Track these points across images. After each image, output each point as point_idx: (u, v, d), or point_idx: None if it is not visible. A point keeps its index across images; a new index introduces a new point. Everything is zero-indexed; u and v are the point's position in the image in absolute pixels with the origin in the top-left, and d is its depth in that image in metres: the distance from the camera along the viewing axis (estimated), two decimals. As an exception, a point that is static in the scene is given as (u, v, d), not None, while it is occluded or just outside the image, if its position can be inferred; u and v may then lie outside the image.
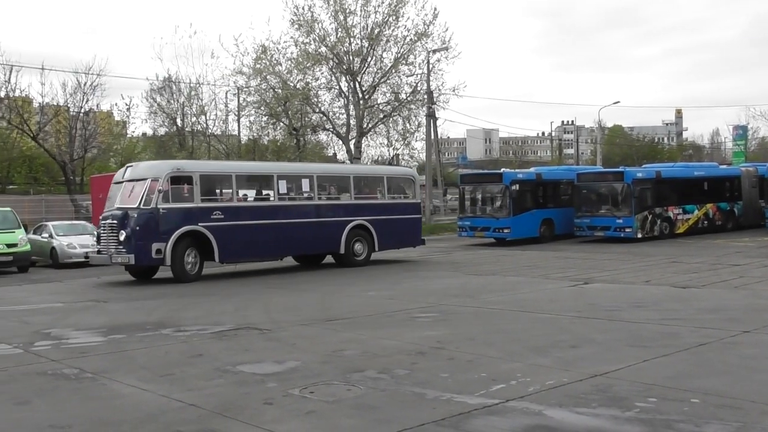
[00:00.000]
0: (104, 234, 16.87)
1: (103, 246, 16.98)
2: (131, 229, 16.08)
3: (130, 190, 16.84)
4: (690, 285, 14.03)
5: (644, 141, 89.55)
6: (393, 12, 46.03)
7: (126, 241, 16.10)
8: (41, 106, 42.02)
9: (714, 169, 32.17)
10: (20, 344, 9.80)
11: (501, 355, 8.34)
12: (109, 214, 16.92)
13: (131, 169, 17.85)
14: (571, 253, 22.05)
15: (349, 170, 22.91)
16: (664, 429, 5.56)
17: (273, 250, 18.97)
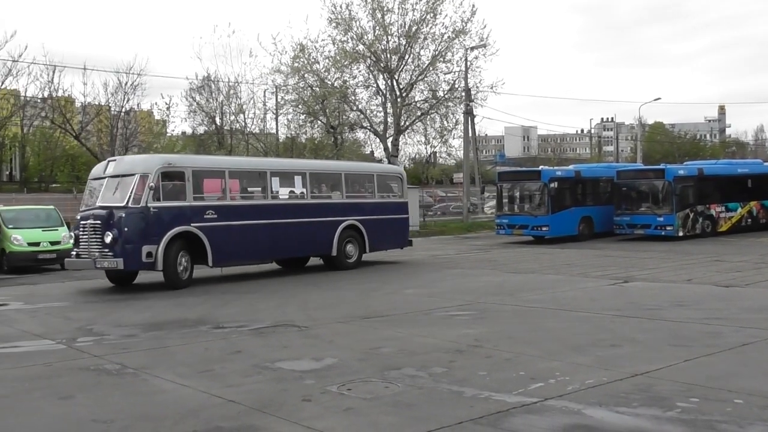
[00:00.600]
0: (85, 236, 14.84)
1: (83, 249, 14.89)
2: (118, 230, 14.35)
3: (114, 186, 15.10)
4: (733, 284, 13.79)
5: (686, 138, 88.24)
6: (431, 9, 45.93)
7: (113, 244, 14.28)
8: (83, 106, 42.76)
9: (758, 167, 31.56)
10: (63, 340, 10.00)
11: (540, 353, 8.29)
12: (90, 213, 15.01)
13: (115, 163, 15.98)
14: (611, 252, 21.82)
15: (340, 167, 21.32)
16: (706, 430, 5.49)
17: (266, 253, 17.61)
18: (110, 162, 16.16)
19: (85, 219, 15.02)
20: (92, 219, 14.73)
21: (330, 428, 5.74)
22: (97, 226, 14.53)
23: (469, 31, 46.18)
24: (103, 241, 14.39)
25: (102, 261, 14.48)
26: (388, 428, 5.70)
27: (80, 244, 14.95)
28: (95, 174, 16.21)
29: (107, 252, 14.34)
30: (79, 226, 15.13)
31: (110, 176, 15.32)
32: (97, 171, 16.29)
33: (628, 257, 19.91)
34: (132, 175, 14.91)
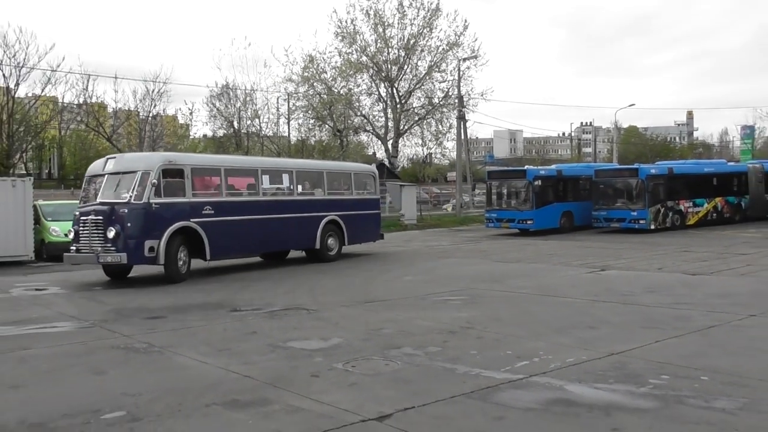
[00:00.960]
0: (85, 231, 13.84)
1: (83, 244, 13.88)
2: (121, 225, 13.38)
3: (115, 183, 14.15)
4: (700, 272, 13.76)
5: (657, 140, 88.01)
6: (427, 24, 45.94)
7: (115, 239, 13.31)
8: (114, 111, 42.74)
9: (722, 166, 31.52)
10: (96, 321, 10.00)
11: (525, 334, 8.28)
12: (91, 209, 13.94)
13: (115, 161, 14.89)
14: (589, 243, 21.78)
15: (322, 166, 20.30)
16: (676, 404, 5.47)
17: (257, 246, 17.00)
18: (110, 159, 15.06)
19: (85, 215, 13.93)
20: (93, 215, 13.70)
21: (336, 401, 5.73)
22: (99, 221, 13.56)
23: (461, 43, 46.21)
24: (105, 237, 13.41)
25: (105, 256, 13.47)
26: (389, 401, 5.69)
27: (80, 239, 13.90)
28: (94, 171, 15.09)
29: (110, 247, 13.38)
30: (79, 221, 14.03)
31: (110, 173, 14.29)
32: (96, 168, 15.13)
33: (605, 248, 19.88)
34: (134, 172, 13.93)
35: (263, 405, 5.69)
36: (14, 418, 5.48)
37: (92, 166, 15.62)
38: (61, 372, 7.02)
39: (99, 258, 13.56)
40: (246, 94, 45.65)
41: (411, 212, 33.08)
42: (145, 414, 5.53)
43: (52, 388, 6.44)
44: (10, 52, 32.96)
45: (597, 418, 5.19)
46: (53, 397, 6.11)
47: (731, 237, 22.12)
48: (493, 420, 5.23)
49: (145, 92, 40.10)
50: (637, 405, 5.48)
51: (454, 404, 5.61)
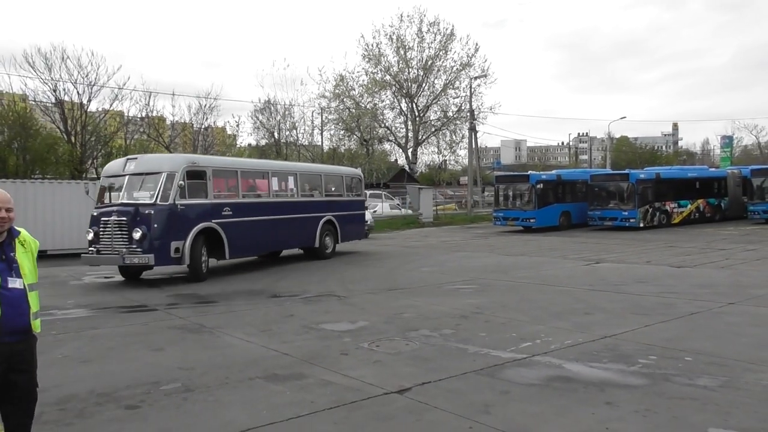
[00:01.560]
0: (107, 232, 12.13)
1: (105, 245, 12.13)
2: (147, 226, 11.88)
3: (138, 184, 12.72)
4: (684, 265, 13.54)
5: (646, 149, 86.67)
6: (443, 47, 45.84)
7: (142, 240, 11.80)
8: (172, 123, 43.18)
9: (704, 171, 30.98)
10: (157, 305, 10.09)
11: (528, 319, 8.20)
12: (113, 209, 12.28)
13: (136, 162, 13.19)
14: (585, 239, 21.54)
15: (319, 169, 18.94)
16: (663, 381, 5.38)
17: (269, 245, 15.77)
18: (129, 160, 13.35)
19: (106, 215, 12.23)
20: (116, 215, 12.06)
21: (362, 376, 5.72)
22: (123, 222, 11.98)
23: (473, 64, 46.05)
24: (130, 238, 11.87)
25: (131, 257, 11.86)
26: (408, 377, 5.67)
27: (101, 240, 12.18)
28: (112, 171, 13.42)
29: (136, 248, 11.84)
30: (99, 222, 12.26)
31: (132, 174, 12.75)
32: (114, 168, 13.45)
33: (599, 244, 19.64)
34: (158, 173, 12.49)
35: (299, 379, 5.70)
36: (84, 389, 5.56)
37: (110, 167, 13.86)
38: (125, 348, 7.10)
39: (125, 259, 11.87)
40: (285, 108, 45.96)
41: (428, 212, 32.95)
42: (197, 386, 5.57)
43: (117, 362, 6.52)
44: (84, 72, 33.55)
45: (592, 393, 5.13)
46: (118, 370, 6.18)
47: (712, 234, 21.72)
48: (500, 394, 5.18)
49: (198, 107, 40.53)
50: (628, 382, 5.40)
51: (465, 380, 5.57)
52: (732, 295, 9.52)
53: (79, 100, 34.45)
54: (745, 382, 5.28)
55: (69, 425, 4.70)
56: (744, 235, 20.75)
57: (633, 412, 4.66)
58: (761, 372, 5.56)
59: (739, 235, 21.14)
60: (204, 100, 40.28)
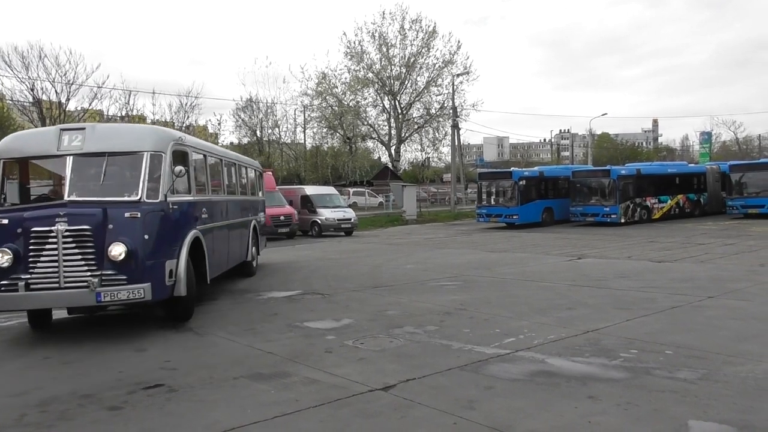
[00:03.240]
0: (49, 253, 7.09)
1: (44, 275, 7.09)
2: (135, 238, 7.25)
3: (96, 170, 7.78)
4: (664, 260, 13.71)
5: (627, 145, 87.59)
6: (425, 45, 45.94)
7: (127, 262, 7.16)
8: (152, 122, 42.79)
9: (684, 167, 31.36)
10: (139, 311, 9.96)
11: (511, 315, 8.26)
12: (62, 213, 7.19)
13: (86, 134, 7.76)
14: (567, 235, 21.72)
15: (237, 158, 12.97)
16: (644, 375, 5.45)
17: (233, 258, 11.59)
18: (69, 132, 7.81)
19: (41, 223, 7.14)
20: (68, 222, 7.11)
21: (347, 374, 5.72)
22: (85, 234, 7.11)
23: (455, 61, 46.26)
24: (101, 258, 7.11)
25: (112, 290, 7.07)
26: (393, 374, 5.69)
27: (34, 266, 7.06)
28: (31, 149, 7.96)
29: (116, 275, 7.12)
30: (24, 236, 7.13)
31: (79, 154, 7.61)
32: (37, 145, 7.92)
33: (581, 239, 19.83)
34: (135, 153, 7.78)
35: (283, 377, 5.69)
36: (66, 390, 5.50)
37: (22, 141, 8.13)
38: (109, 349, 7.03)
39: (100, 295, 7.03)
40: (267, 106, 45.75)
41: (411, 209, 33.02)
42: (180, 386, 5.53)
43: (100, 363, 6.45)
44: (62, 71, 33.13)
45: (575, 387, 5.18)
46: (101, 371, 6.12)
47: (692, 229, 22.02)
48: (483, 389, 5.22)
49: (179, 105, 40.20)
50: (610, 376, 5.46)
51: (449, 376, 5.60)
52: (711, 289, 9.66)
53: (57, 99, 34.05)
54: (724, 375, 5.37)
55: (50, 427, 4.66)
56: (723, 230, 21.06)
57: (615, 406, 4.72)
58: (740, 365, 5.65)
59: (718, 229, 21.45)
60: (185, 99, 39.97)
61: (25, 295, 7.07)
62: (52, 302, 7.31)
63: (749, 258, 13.39)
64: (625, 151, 78.05)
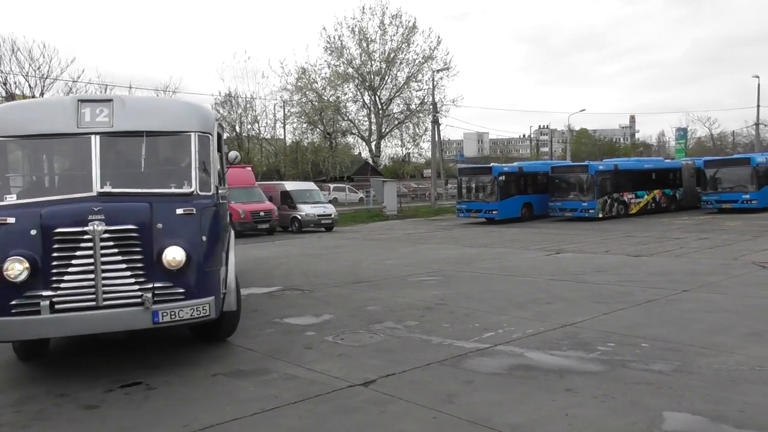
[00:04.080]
0: (82, 260, 5.43)
1: (76, 288, 5.41)
2: (191, 243, 5.78)
3: (137, 154, 6.11)
4: (641, 254, 13.90)
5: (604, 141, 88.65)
6: (405, 40, 45.91)
7: (185, 271, 5.68)
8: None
9: (660, 163, 31.80)
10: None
11: (491, 309, 8.31)
12: (96, 209, 5.50)
13: (114, 107, 6.04)
14: (546, 230, 21.91)
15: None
16: (620, 367, 5.53)
17: None
18: (94, 105, 6.06)
19: (73, 223, 5.47)
20: (106, 221, 5.51)
21: (327, 370, 5.72)
22: (130, 235, 5.59)
23: (435, 57, 46.30)
24: (150, 267, 5.61)
25: (173, 308, 5.60)
26: (373, 369, 5.70)
27: (67, 277, 5.43)
28: (44, 126, 5.99)
29: (173, 288, 5.66)
30: (54, 239, 5.42)
31: (110, 133, 5.98)
32: (51, 120, 6.01)
33: (559, 234, 20.01)
34: (178, 133, 6.26)
35: (263, 374, 5.68)
36: (42, 389, 5.43)
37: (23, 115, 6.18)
38: (86, 348, 6.94)
39: (159, 315, 5.53)
40: (246, 101, 45.40)
41: (392, 204, 33.05)
42: (158, 384, 5.49)
43: (77, 362, 6.37)
44: (35, 64, 32.52)
45: (552, 380, 5.24)
46: (78, 370, 6.04)
47: (667, 224, 22.34)
48: (463, 383, 5.25)
49: (157, 100, 39.66)
50: (587, 368, 5.53)
51: (429, 370, 5.63)
52: (686, 283, 9.82)
53: (31, 94, 33.35)
54: (698, 367, 5.47)
55: (25, 427, 4.59)
56: (697, 225, 21.40)
57: (591, 398, 4.78)
58: (713, 356, 5.76)
59: (693, 224, 21.79)
60: (162, 93, 39.45)
61: (50, 318, 5.29)
62: (90, 327, 5.44)
63: (723, 252, 13.63)
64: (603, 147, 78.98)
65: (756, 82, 47.91)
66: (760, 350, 5.90)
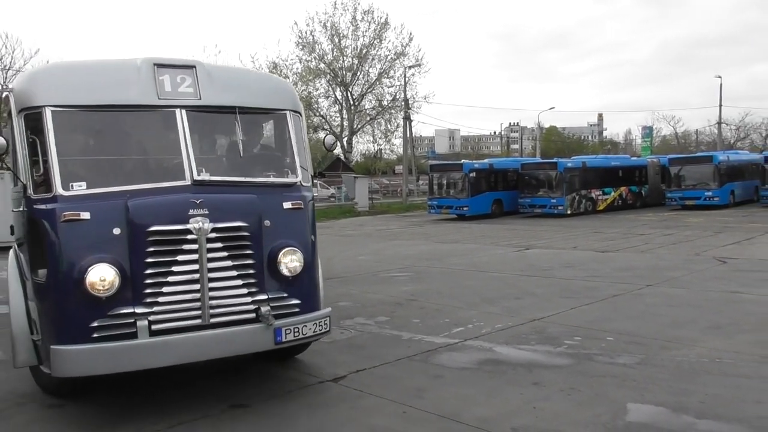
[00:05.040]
0: (185, 266, 4.32)
1: (180, 299, 4.32)
2: (303, 244, 4.94)
3: (229, 134, 5.27)
4: (607, 250, 14.14)
5: (573, 138, 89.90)
6: (377, 36, 45.87)
7: (300, 278, 4.82)
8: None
9: (627, 160, 32.37)
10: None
11: (461, 305, 8.37)
12: (203, 200, 4.37)
13: (204, 77, 4.82)
14: (516, 226, 22.14)
15: None
16: (586, 361, 5.63)
17: None
18: (174, 72, 4.77)
19: (171, 219, 4.31)
20: (210, 218, 4.38)
21: (297, 366, 5.70)
22: (240, 235, 4.53)
23: (407, 53, 46.32)
24: (261, 274, 4.63)
25: (296, 324, 4.65)
26: (344, 365, 5.70)
27: (166, 289, 4.30)
28: (113, 94, 4.59)
29: (288, 299, 4.77)
30: (147, 240, 4.26)
31: (197, 108, 4.78)
32: (121, 86, 4.63)
33: (529, 230, 20.24)
34: (273, 112, 5.30)
35: (236, 374, 5.63)
36: (4, 389, 5.31)
37: (83, 79, 4.69)
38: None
39: (282, 333, 4.57)
40: (217, 96, 44.81)
41: (363, 201, 33.04)
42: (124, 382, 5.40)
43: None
44: (-3, 55, 31.58)
45: (520, 374, 5.31)
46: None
47: (633, 220, 22.76)
48: (433, 378, 5.29)
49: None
50: (554, 362, 5.62)
51: (399, 366, 5.65)
52: (650, 278, 10.03)
53: (-7, 85, 32.46)
54: (661, 359, 5.60)
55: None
56: (662, 221, 21.86)
57: (558, 391, 4.86)
58: (675, 349, 5.90)
59: (658, 220, 22.25)
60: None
61: (150, 344, 4.17)
62: (199, 352, 4.34)
63: (686, 248, 13.96)
64: (572, 144, 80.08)
65: (718, 82, 49.17)
66: (720, 343, 6.07)
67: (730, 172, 27.08)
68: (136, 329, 4.16)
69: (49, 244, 4.22)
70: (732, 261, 11.61)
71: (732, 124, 64.80)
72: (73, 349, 4.02)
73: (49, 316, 4.29)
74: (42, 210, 4.28)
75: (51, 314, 4.26)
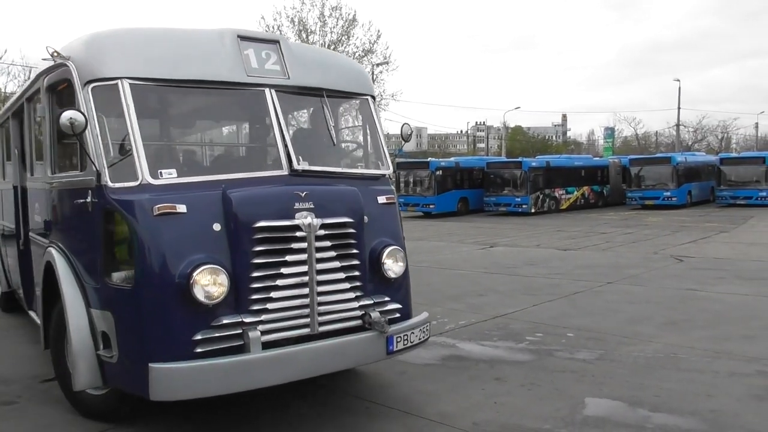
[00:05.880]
0: (295, 268, 3.77)
1: (288, 306, 3.75)
2: (399, 242, 4.51)
3: (317, 116, 4.57)
4: (569, 248, 14.37)
5: (538, 138, 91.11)
6: (345, 33, 45.70)
7: (401, 281, 4.45)
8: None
9: (589, 160, 32.98)
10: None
11: (425, 302, 8.38)
12: (308, 192, 3.83)
13: (289, 54, 4.23)
14: (481, 224, 22.34)
15: None
16: (547, 356, 5.72)
17: None
18: (258, 46, 4.14)
19: (278, 214, 3.72)
20: (315, 212, 3.83)
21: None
22: (347, 232, 4.02)
23: (375, 50, 46.19)
24: (364, 275, 4.11)
25: (404, 331, 4.18)
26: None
27: (275, 294, 3.71)
28: (197, 68, 3.91)
29: (391, 304, 4.27)
30: (254, 238, 3.66)
31: (286, 88, 4.19)
32: (204, 60, 3.95)
33: (493, 228, 20.44)
34: (356, 96, 4.75)
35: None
36: None
37: (162, 50, 3.93)
38: (2, 343, 6.60)
39: (392, 342, 4.07)
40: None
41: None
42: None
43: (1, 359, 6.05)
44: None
45: (483, 370, 5.36)
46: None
47: (595, 219, 23.20)
48: (397, 374, 5.30)
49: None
50: (516, 358, 5.69)
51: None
52: (611, 275, 10.24)
53: (-52, 74, 31.29)
54: (619, 355, 5.73)
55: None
56: (623, 220, 22.35)
57: (519, 386, 4.93)
58: (633, 345, 6.04)
59: (619, 219, 22.74)
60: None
61: (266, 358, 3.58)
62: (314, 367, 3.80)
63: (645, 246, 14.29)
64: (537, 144, 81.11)
65: (677, 85, 50.43)
66: (676, 338, 6.23)
67: (687, 173, 27.83)
68: (245, 341, 3.56)
69: (138, 243, 3.55)
70: (688, 259, 11.93)
71: (690, 127, 66.58)
72: (180, 367, 3.36)
73: (137, 329, 3.58)
74: (125, 201, 3.59)
75: (142, 326, 3.56)
